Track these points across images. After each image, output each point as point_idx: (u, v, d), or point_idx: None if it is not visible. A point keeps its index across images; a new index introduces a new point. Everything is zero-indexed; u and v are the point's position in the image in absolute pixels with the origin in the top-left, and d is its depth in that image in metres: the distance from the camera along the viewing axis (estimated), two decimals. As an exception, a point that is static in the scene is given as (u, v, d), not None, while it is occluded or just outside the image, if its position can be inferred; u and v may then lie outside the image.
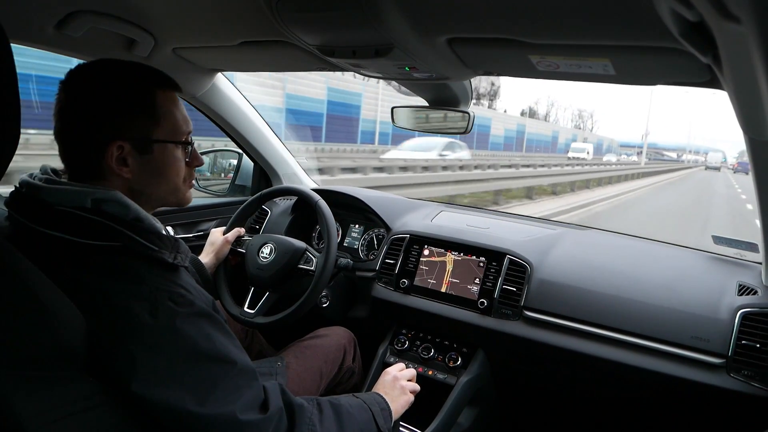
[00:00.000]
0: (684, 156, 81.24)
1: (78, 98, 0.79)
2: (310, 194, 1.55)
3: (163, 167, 0.85)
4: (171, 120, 0.85)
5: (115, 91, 0.80)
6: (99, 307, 0.70)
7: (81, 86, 0.80)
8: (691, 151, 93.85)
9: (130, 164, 0.81)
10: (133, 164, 0.81)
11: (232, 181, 2.07)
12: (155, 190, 0.86)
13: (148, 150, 0.82)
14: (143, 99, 0.82)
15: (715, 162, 55.11)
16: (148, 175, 0.84)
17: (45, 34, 1.14)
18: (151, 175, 0.84)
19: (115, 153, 0.79)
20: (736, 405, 1.20)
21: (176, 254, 0.80)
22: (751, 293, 1.31)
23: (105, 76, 0.81)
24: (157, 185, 0.86)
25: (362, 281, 1.70)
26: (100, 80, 0.80)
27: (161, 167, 0.85)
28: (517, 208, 9.88)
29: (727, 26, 0.48)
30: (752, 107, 0.71)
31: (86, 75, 0.81)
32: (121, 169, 0.80)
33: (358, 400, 1.03)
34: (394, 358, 1.57)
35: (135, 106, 0.81)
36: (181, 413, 0.70)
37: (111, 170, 0.80)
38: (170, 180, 0.87)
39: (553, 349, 1.38)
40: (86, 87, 0.79)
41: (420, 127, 1.54)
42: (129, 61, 0.84)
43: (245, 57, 1.37)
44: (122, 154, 0.80)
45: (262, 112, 1.92)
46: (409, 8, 0.85)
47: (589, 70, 0.97)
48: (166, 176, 0.86)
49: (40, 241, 0.73)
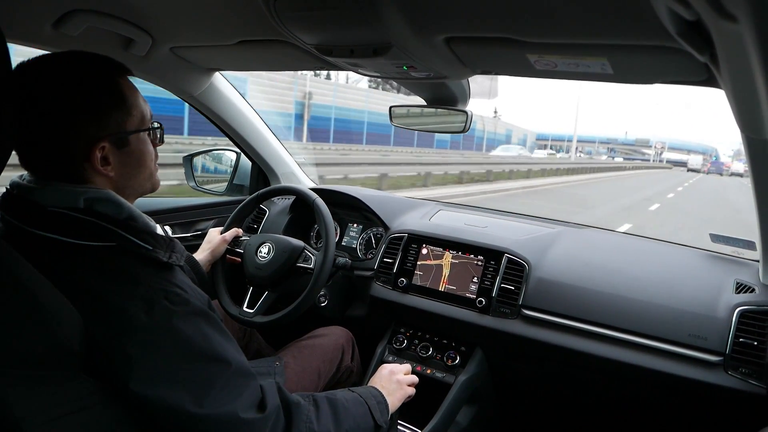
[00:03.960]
0: (664, 154, 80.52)
1: (47, 105, 0.74)
2: (308, 193, 1.54)
3: (140, 157, 0.85)
4: (138, 107, 0.83)
5: (85, 92, 0.76)
6: (95, 307, 0.70)
7: (48, 92, 0.74)
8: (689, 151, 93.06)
9: (111, 162, 0.79)
10: (115, 161, 0.80)
11: (230, 180, 2.06)
12: (135, 181, 0.85)
13: (126, 143, 0.81)
14: (112, 93, 0.79)
15: (695, 164, 55.19)
16: (129, 167, 0.83)
17: (42, 33, 1.13)
18: (131, 168, 0.83)
19: (98, 155, 0.77)
20: (733, 403, 1.21)
21: (171, 253, 0.80)
22: (749, 291, 1.31)
23: (69, 78, 0.76)
24: (137, 176, 0.85)
25: (360, 280, 1.70)
26: (67, 84, 0.75)
27: (139, 157, 0.84)
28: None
29: (724, 25, 0.48)
30: (749, 106, 0.71)
31: (49, 80, 0.75)
32: (105, 169, 0.79)
33: (354, 394, 1.03)
34: (393, 357, 1.57)
35: (107, 103, 0.78)
36: (179, 413, 0.70)
37: (96, 172, 0.78)
38: (147, 167, 0.87)
39: (551, 348, 1.39)
40: (54, 93, 0.74)
41: (418, 126, 1.54)
42: (75, 53, 0.79)
43: (243, 56, 1.37)
44: (103, 153, 0.78)
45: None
46: (407, 7, 0.85)
47: (587, 69, 0.97)
48: (143, 165, 0.86)
49: (34, 243, 0.72)
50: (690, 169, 52.60)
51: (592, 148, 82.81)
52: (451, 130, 1.47)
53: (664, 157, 77.04)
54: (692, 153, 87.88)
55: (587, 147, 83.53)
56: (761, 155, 0.92)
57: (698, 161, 58.45)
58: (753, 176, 1.03)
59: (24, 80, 0.73)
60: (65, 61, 0.78)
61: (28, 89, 0.73)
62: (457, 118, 1.42)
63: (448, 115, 1.43)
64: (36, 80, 0.75)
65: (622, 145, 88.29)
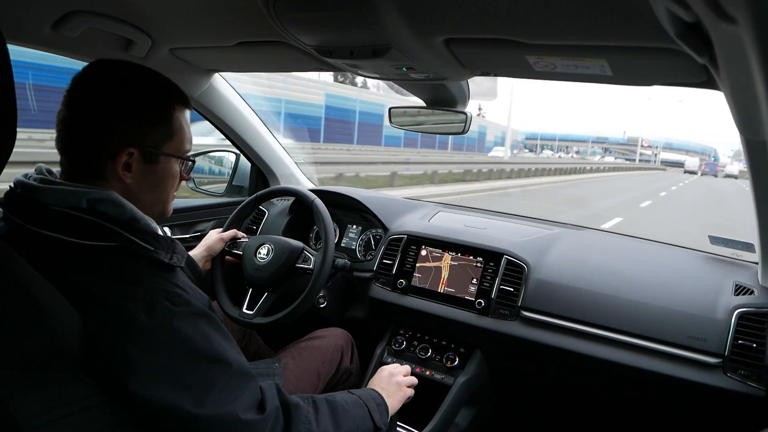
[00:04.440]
0: (660, 155, 79.76)
1: (98, 99, 0.78)
2: (306, 194, 1.54)
3: (163, 178, 0.87)
4: (181, 136, 0.87)
5: (139, 99, 0.81)
6: (95, 307, 0.70)
7: (103, 87, 0.79)
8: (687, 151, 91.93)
9: (133, 170, 0.81)
10: (137, 171, 0.82)
11: (230, 181, 2.07)
12: (148, 198, 0.86)
13: (155, 160, 0.84)
14: (163, 113, 0.84)
15: (692, 166, 55.18)
16: (147, 183, 0.84)
17: (41, 34, 1.13)
18: (149, 184, 0.85)
19: (124, 158, 0.80)
20: (732, 405, 1.21)
21: (172, 254, 0.80)
22: (748, 293, 1.31)
23: (130, 82, 0.81)
24: (151, 194, 0.87)
25: (360, 282, 1.70)
26: (124, 85, 0.80)
27: (161, 178, 0.86)
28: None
29: (723, 27, 0.49)
30: (748, 108, 0.71)
31: (108, 76, 0.81)
32: (125, 174, 0.81)
33: (353, 396, 1.03)
34: (392, 358, 1.57)
35: (155, 119, 0.82)
36: (179, 414, 0.70)
37: (115, 174, 0.80)
38: (165, 191, 0.89)
39: (550, 349, 1.39)
40: (109, 90, 0.79)
41: (417, 127, 1.54)
42: (150, 69, 0.85)
43: (242, 57, 1.37)
44: (129, 159, 0.80)
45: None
46: (406, 8, 0.85)
47: (586, 71, 0.97)
48: (162, 187, 0.88)
49: (36, 242, 0.73)
50: (687, 171, 52.59)
51: (585, 148, 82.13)
52: (451, 132, 1.47)
53: (660, 158, 76.53)
54: (690, 153, 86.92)
55: (581, 147, 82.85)
56: (760, 157, 0.92)
57: (695, 163, 58.33)
58: (752, 178, 1.03)
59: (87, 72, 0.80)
60: (141, 71, 0.84)
61: (100, 77, 0.80)
62: (457, 119, 1.42)
63: (448, 116, 1.43)
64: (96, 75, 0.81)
65: (616, 145, 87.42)
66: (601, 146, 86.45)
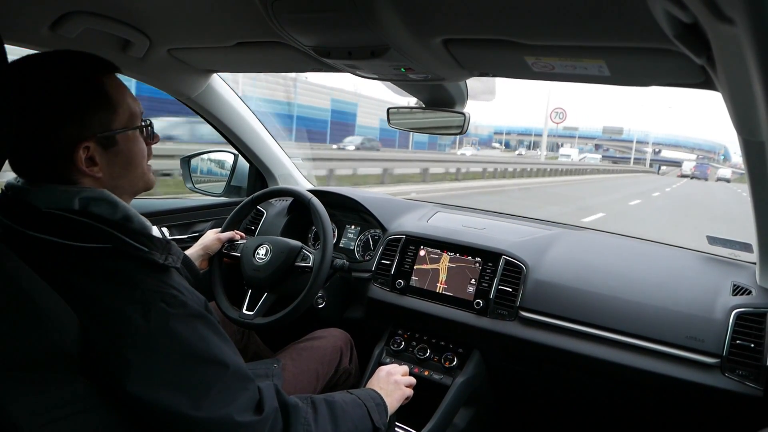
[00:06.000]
0: (662, 153, 76.88)
1: (30, 105, 0.73)
2: (303, 193, 1.54)
3: (130, 156, 0.83)
4: (125, 105, 0.81)
5: (64, 91, 0.75)
6: (91, 309, 0.69)
7: (29, 92, 0.73)
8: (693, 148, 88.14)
9: (98, 162, 0.78)
10: (102, 161, 0.79)
11: (228, 182, 2.06)
12: (125, 181, 0.84)
13: (113, 143, 0.80)
14: (94, 91, 0.77)
15: (687, 171, 54.43)
16: (119, 167, 0.81)
17: (39, 34, 1.13)
18: (121, 167, 0.82)
19: (83, 155, 0.76)
20: (730, 405, 1.21)
21: (167, 255, 0.79)
22: (746, 293, 1.32)
23: (50, 77, 0.75)
24: (127, 176, 0.84)
25: (358, 282, 1.70)
26: (47, 83, 0.74)
27: (129, 156, 0.83)
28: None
29: (721, 28, 0.49)
30: (746, 108, 0.71)
31: (30, 79, 0.74)
32: (91, 169, 0.78)
33: (352, 396, 1.02)
34: (390, 358, 1.57)
35: (89, 102, 0.77)
36: (176, 416, 0.70)
37: (82, 173, 0.77)
38: (138, 166, 0.85)
39: (548, 350, 1.39)
40: (34, 92, 0.73)
41: (415, 128, 1.54)
42: (60, 53, 0.78)
43: (241, 58, 1.37)
44: (89, 154, 0.77)
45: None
46: (404, 9, 0.85)
47: (585, 72, 0.97)
48: (134, 164, 0.84)
49: (29, 245, 0.72)
50: (682, 174, 51.33)
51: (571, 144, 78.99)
52: (449, 132, 1.47)
53: (660, 156, 74.22)
54: (696, 151, 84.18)
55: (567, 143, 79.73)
56: (758, 158, 0.92)
57: (691, 167, 57.68)
58: (750, 179, 1.03)
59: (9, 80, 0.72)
60: (47, 60, 0.77)
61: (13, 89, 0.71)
62: (455, 120, 1.42)
63: (446, 116, 1.43)
64: (19, 79, 0.73)
65: (609, 141, 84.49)
66: (591, 142, 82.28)
